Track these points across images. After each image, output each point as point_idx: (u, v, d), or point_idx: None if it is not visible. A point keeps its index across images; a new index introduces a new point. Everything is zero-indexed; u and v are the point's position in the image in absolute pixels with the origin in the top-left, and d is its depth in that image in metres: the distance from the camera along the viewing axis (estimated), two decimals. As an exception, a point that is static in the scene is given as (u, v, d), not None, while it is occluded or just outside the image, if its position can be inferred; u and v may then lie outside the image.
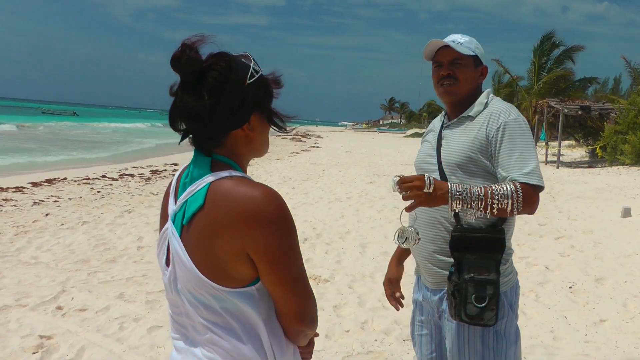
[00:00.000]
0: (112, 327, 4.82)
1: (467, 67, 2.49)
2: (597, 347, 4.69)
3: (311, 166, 19.97)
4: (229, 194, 1.46)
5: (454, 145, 2.46)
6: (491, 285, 2.28)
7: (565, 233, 9.03)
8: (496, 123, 2.39)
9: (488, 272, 2.31)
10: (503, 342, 2.42)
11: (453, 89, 2.48)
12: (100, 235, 8.12)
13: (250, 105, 1.52)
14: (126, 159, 22.62)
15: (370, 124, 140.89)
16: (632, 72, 31.91)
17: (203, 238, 1.47)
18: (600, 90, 43.33)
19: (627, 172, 18.25)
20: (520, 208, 2.25)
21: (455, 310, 2.32)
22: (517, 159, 2.33)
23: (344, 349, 4.52)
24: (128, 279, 6.08)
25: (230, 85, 1.48)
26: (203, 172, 1.51)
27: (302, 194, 13.16)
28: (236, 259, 1.46)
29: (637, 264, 7.25)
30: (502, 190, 2.24)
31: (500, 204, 2.23)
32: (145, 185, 13.94)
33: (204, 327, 1.53)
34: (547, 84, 32.25)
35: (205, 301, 1.50)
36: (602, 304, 5.74)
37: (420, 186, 2.18)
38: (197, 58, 1.46)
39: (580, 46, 33.50)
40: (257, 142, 1.60)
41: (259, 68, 1.55)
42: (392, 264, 3.03)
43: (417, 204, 2.22)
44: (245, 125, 1.53)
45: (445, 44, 2.48)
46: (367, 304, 5.57)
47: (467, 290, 2.27)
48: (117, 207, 10.53)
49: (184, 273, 1.51)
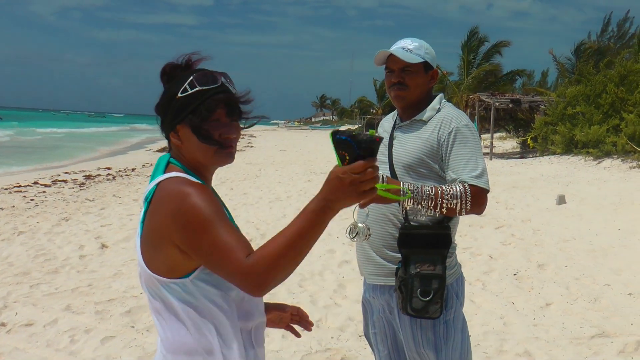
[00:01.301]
0: (62, 341, 4.65)
1: (417, 73, 2.58)
2: (545, 330, 4.87)
3: (247, 166, 19.81)
4: (165, 191, 1.59)
5: (406, 147, 2.57)
6: (437, 279, 2.39)
7: (505, 222, 9.31)
8: (448, 128, 2.51)
9: (434, 267, 2.40)
10: (452, 330, 2.55)
11: (404, 94, 2.58)
12: (39, 246, 7.81)
13: (175, 117, 1.64)
14: (57, 164, 21.89)
15: (303, 121, 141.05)
16: (558, 65, 33.24)
17: (148, 233, 1.61)
18: (527, 83, 44.82)
19: (559, 161, 18.95)
20: (469, 208, 2.38)
21: (402, 304, 2.42)
22: (467, 162, 2.45)
23: (302, 348, 4.52)
24: (73, 290, 5.88)
25: (164, 93, 1.67)
26: (158, 173, 1.66)
27: (242, 194, 13.04)
28: (168, 247, 1.56)
29: (575, 248, 7.56)
30: (451, 190, 2.36)
31: (449, 203, 2.34)
32: (81, 191, 13.53)
33: (154, 315, 1.67)
34: (477, 78, 33.14)
35: (153, 293, 1.64)
36: (546, 288, 5.95)
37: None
38: (164, 68, 1.69)
39: (506, 41, 34.58)
40: (186, 151, 1.68)
41: (204, 87, 1.61)
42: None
43: (370, 200, 2.22)
44: (172, 133, 1.66)
45: (392, 52, 2.56)
46: (319, 302, 5.59)
47: (412, 285, 2.36)
48: (53, 215, 10.17)
49: (141, 267, 1.64)
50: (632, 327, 4.89)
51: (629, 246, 7.59)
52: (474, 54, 34.36)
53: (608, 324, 4.95)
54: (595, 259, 7.05)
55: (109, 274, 6.50)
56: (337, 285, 6.12)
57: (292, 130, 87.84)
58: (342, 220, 2.44)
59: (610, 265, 6.73)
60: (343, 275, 6.44)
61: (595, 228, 8.70)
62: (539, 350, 4.47)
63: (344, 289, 6.00)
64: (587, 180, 14.40)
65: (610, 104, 18.82)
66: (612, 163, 16.46)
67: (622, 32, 39.68)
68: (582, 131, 18.60)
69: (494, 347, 4.53)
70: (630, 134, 16.61)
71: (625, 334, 4.74)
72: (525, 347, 4.51)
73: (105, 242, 8.01)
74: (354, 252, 3.02)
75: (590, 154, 17.76)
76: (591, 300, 5.56)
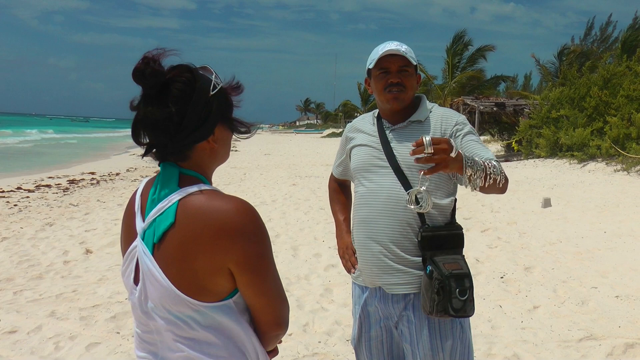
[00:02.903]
0: (47, 348, 4.58)
1: (412, 75, 2.57)
2: (533, 333, 4.87)
3: (232, 170, 19.72)
4: (202, 209, 1.46)
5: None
6: (467, 278, 2.37)
7: (491, 225, 9.33)
8: (451, 122, 2.56)
9: (461, 266, 2.38)
10: (467, 330, 2.57)
11: (402, 96, 2.54)
12: (23, 251, 7.71)
13: (214, 117, 1.53)
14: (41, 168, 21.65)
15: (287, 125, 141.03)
16: (541, 69, 33.51)
17: (178, 255, 1.46)
18: (511, 87, 45.14)
19: (543, 164, 19.06)
20: (503, 183, 2.41)
21: (439, 307, 2.34)
22: (482, 148, 2.50)
23: (289, 353, 4.49)
24: (58, 296, 5.81)
25: (196, 97, 1.48)
26: (171, 189, 1.50)
27: (227, 199, 12.96)
28: (216, 273, 1.47)
29: (562, 251, 7.58)
30: (492, 164, 2.36)
31: (495, 175, 2.35)
32: (64, 196, 13.39)
33: (178, 343, 1.51)
34: (461, 82, 33.35)
35: (183, 318, 1.49)
36: (533, 291, 5.96)
37: (448, 149, 2.15)
38: (160, 70, 1.46)
39: (491, 46, 34.84)
40: (222, 153, 1.61)
41: (220, 80, 1.56)
42: (344, 234, 2.90)
43: (438, 167, 2.17)
44: (210, 137, 1.54)
45: (394, 52, 2.51)
46: (306, 307, 5.55)
47: (450, 286, 2.32)
48: (37, 221, 10.05)
49: (158, 291, 1.49)
50: (620, 329, 4.91)
51: (615, 248, 7.63)
52: (458, 57, 34.59)
53: (596, 327, 4.96)
54: (581, 261, 7.08)
55: (94, 279, 6.43)
56: (323, 289, 6.09)
57: (276, 134, 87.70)
58: (328, 224, 2.42)
59: (597, 268, 6.76)
60: (329, 279, 6.42)
61: (581, 231, 8.74)
62: (527, 353, 4.47)
63: (330, 293, 5.98)
64: (572, 183, 14.49)
65: (594, 107, 18.93)
66: (596, 166, 16.58)
67: (605, 36, 40.10)
68: (566, 134, 18.71)
69: (482, 350, 4.52)
70: (614, 137, 16.72)
71: (613, 336, 4.75)
72: (514, 350, 4.51)
73: (90, 247, 7.92)
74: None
75: (574, 157, 17.86)
76: (578, 303, 5.57)
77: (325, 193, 12.50)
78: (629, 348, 4.53)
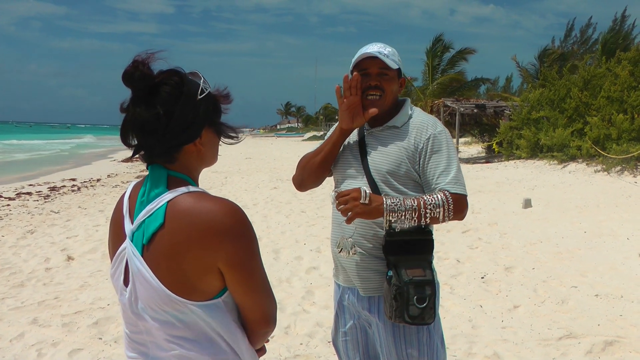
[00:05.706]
0: (29, 355, 4.56)
1: (393, 79, 2.53)
2: (514, 332, 4.93)
3: (212, 174, 19.64)
4: (191, 210, 1.50)
5: (385, 153, 2.51)
6: (429, 286, 2.33)
7: (472, 226, 9.40)
8: (425, 134, 2.50)
9: (424, 273, 2.36)
10: (433, 336, 2.53)
11: (379, 101, 2.51)
12: (4, 259, 7.65)
13: (201, 120, 1.57)
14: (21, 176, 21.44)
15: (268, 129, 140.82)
16: (522, 71, 33.80)
17: (168, 255, 1.49)
18: (492, 89, 45.43)
19: (524, 165, 19.23)
20: (452, 215, 2.39)
21: (397, 313, 2.33)
22: (444, 169, 2.46)
23: (271, 355, 4.50)
24: (40, 303, 5.77)
25: (184, 99, 1.51)
26: (160, 190, 1.53)
27: (209, 203, 12.93)
28: (205, 272, 1.51)
29: (542, 251, 7.67)
30: (434, 200, 2.36)
31: (432, 213, 2.35)
32: (46, 204, 13.27)
33: (170, 343, 1.55)
34: (442, 85, 33.48)
35: (174, 317, 1.52)
36: (513, 291, 6.02)
37: (357, 197, 2.27)
38: (149, 73, 1.49)
39: (471, 49, 34.98)
40: (209, 156, 1.65)
41: (208, 85, 1.60)
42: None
43: (354, 215, 2.28)
44: (197, 140, 1.58)
45: (372, 54, 2.48)
46: (287, 309, 5.56)
47: (408, 293, 2.30)
48: (18, 228, 9.97)
49: (148, 291, 1.52)
50: (599, 327, 4.98)
51: (595, 248, 7.73)
52: (438, 59, 34.73)
53: (575, 325, 5.03)
54: (561, 261, 7.17)
55: (76, 285, 6.40)
56: (305, 291, 6.11)
57: (257, 137, 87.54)
58: (309, 227, 2.44)
59: (577, 267, 6.85)
60: (311, 282, 6.44)
61: (561, 231, 8.84)
62: (507, 352, 4.52)
63: (312, 296, 6.00)
64: (553, 183, 14.64)
65: (575, 109, 19.10)
66: (577, 167, 16.76)
67: (585, 38, 40.50)
68: (546, 135, 18.87)
69: (463, 349, 4.57)
70: (595, 137, 16.89)
71: (592, 334, 4.82)
72: (494, 350, 4.56)
73: (72, 254, 7.87)
74: (322, 259, 2.98)
75: (555, 158, 18.04)
76: (558, 302, 5.64)
77: (306, 195, 12.51)
78: (608, 346, 4.59)
